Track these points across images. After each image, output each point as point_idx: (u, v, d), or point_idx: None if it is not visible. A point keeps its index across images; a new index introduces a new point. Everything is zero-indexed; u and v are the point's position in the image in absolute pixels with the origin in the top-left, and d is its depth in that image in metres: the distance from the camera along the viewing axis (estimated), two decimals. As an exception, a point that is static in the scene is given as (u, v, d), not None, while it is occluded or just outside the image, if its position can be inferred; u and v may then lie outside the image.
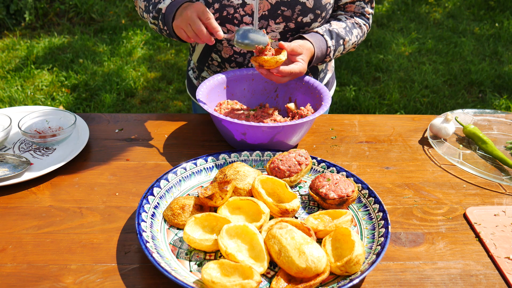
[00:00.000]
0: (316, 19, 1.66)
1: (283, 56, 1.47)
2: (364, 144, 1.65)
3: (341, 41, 1.69)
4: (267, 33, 1.65)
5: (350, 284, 1.03)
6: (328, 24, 1.71)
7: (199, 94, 1.55)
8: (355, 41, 1.76)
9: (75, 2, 5.66)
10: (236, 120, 1.42)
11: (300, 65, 1.53)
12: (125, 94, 4.23)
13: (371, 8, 1.81)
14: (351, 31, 1.73)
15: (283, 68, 1.49)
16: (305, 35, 1.63)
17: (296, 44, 1.54)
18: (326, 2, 1.66)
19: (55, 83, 4.33)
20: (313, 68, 1.81)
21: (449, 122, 1.64)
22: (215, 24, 1.46)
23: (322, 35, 1.65)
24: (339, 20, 1.75)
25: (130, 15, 5.71)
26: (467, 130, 1.66)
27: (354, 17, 1.79)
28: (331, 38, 1.66)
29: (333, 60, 1.94)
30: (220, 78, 1.66)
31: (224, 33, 1.47)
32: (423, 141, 1.68)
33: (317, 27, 1.70)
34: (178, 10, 1.53)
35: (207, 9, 1.49)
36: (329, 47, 1.65)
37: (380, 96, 4.34)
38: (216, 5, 1.60)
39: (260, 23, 1.64)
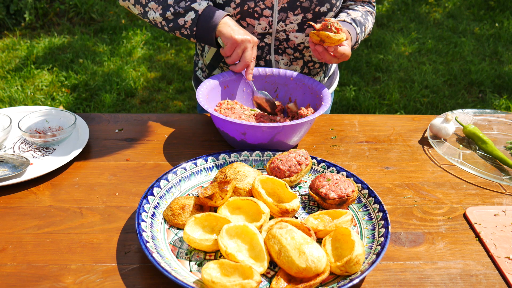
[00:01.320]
0: (331, 8, 1.70)
1: (344, 36, 1.48)
2: (364, 144, 1.65)
3: (362, 28, 1.74)
4: (286, 25, 1.68)
5: (350, 284, 1.03)
6: (345, 14, 1.76)
7: (199, 94, 1.55)
8: (370, 27, 1.82)
9: (75, 2, 5.66)
10: (236, 120, 1.42)
11: (348, 49, 1.57)
12: (125, 94, 4.23)
13: None
14: (367, 18, 1.79)
15: (340, 48, 1.51)
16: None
17: (345, 28, 1.60)
18: None
19: (55, 83, 4.33)
20: None
21: (449, 122, 1.64)
22: (253, 66, 1.62)
23: (350, 23, 1.69)
24: (352, 9, 1.80)
25: (130, 15, 5.71)
26: (467, 130, 1.66)
27: (364, 6, 1.84)
28: (357, 26, 1.71)
29: None
30: (220, 78, 1.66)
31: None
32: (423, 141, 1.68)
33: (332, 17, 1.73)
34: (225, 19, 1.57)
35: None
36: (358, 34, 1.70)
37: (380, 96, 4.34)
38: (237, 0, 1.61)
39: (280, 16, 1.65)
